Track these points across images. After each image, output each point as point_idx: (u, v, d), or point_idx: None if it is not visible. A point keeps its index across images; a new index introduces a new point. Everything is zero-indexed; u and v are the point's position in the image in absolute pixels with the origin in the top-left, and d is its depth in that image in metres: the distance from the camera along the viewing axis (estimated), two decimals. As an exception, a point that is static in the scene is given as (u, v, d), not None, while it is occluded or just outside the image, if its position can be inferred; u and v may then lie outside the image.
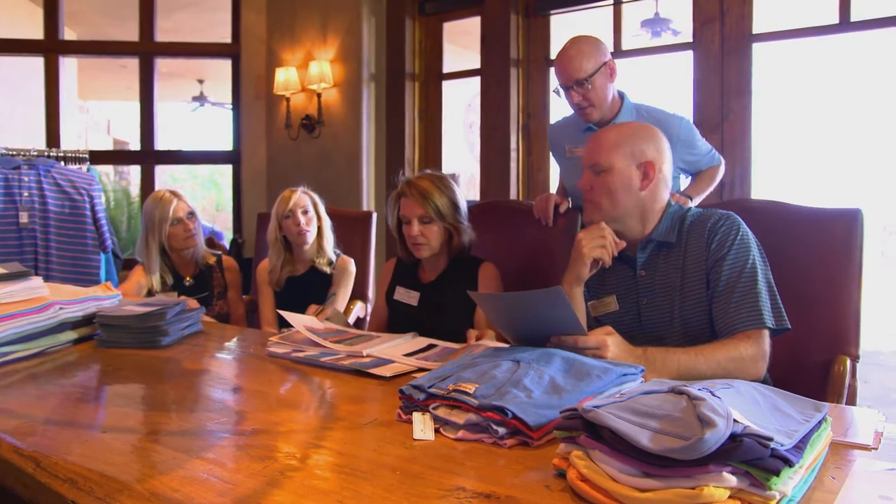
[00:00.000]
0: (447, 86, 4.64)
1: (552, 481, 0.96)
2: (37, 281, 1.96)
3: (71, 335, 1.95)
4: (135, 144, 5.30)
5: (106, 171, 8.57)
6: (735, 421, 0.85)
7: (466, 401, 1.14)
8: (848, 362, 1.81)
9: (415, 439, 1.13)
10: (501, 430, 1.09)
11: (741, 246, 1.67)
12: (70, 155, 3.96)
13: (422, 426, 1.15)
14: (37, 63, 5.07)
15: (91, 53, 6.04)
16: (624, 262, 1.80)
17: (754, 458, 0.82)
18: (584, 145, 1.82)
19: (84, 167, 3.97)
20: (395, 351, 1.74)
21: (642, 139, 1.74)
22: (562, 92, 2.38)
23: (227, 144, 5.34)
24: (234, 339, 2.13)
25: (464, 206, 2.24)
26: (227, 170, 5.46)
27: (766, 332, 1.61)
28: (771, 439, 0.84)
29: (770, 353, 1.60)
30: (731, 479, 0.82)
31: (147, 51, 5.12)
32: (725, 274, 1.65)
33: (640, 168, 1.72)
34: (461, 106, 7.00)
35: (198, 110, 10.27)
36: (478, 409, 1.12)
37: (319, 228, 2.83)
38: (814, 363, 1.83)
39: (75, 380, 1.63)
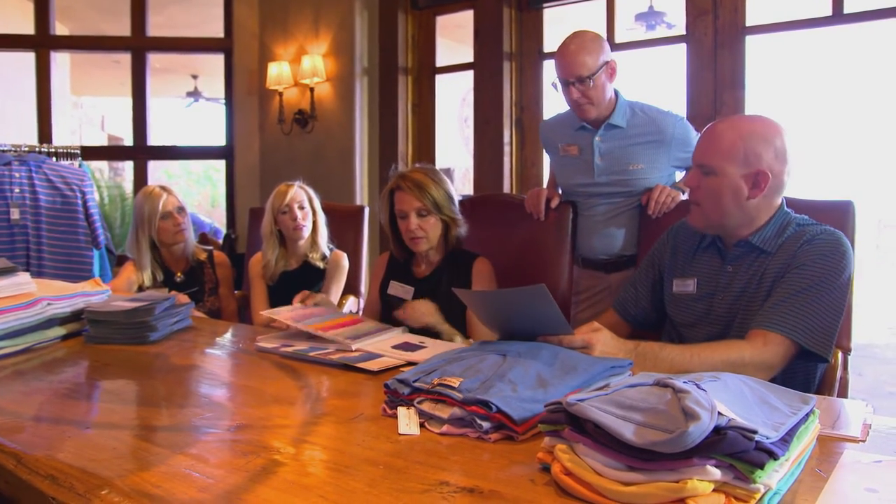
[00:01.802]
0: (441, 80, 4.62)
1: (537, 475, 0.95)
2: (24, 276, 1.94)
3: (59, 331, 1.94)
4: (129, 140, 5.27)
5: (100, 167, 8.55)
6: (719, 414, 0.84)
7: (451, 395, 1.13)
8: (840, 355, 1.81)
9: (400, 434, 1.12)
10: (486, 425, 1.08)
11: (825, 262, 1.58)
12: (61, 150, 3.94)
13: (407, 421, 1.14)
14: (29, 58, 5.04)
15: (82, 48, 6.02)
16: (717, 252, 1.78)
17: (738, 451, 0.82)
18: (698, 138, 1.72)
19: (75, 163, 3.95)
20: (384, 345, 1.73)
21: (760, 140, 1.60)
22: (559, 86, 2.34)
23: (221, 140, 5.32)
24: (224, 335, 2.12)
25: (456, 198, 2.23)
26: (222, 165, 5.44)
27: (789, 345, 1.53)
28: (755, 432, 0.83)
29: (786, 369, 1.55)
30: (716, 473, 0.81)
31: (139, 45, 5.09)
32: (788, 279, 1.59)
33: (752, 177, 1.61)
34: (456, 101, 6.99)
35: (192, 106, 10.24)
36: (462, 403, 1.11)
37: (314, 223, 2.83)
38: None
39: (62, 376, 1.62)
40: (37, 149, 3.83)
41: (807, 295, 1.56)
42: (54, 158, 3.87)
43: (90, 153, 5.11)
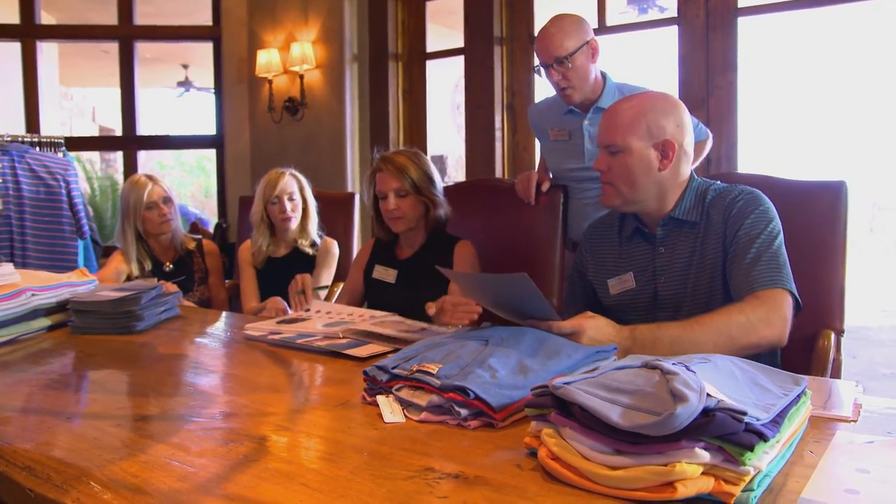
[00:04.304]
0: (433, 67, 4.58)
1: (523, 460, 0.93)
2: (7, 267, 1.92)
3: (44, 322, 1.92)
4: (120, 132, 5.22)
5: (91, 158, 8.48)
6: (708, 395, 0.82)
7: (429, 381, 1.10)
8: (833, 336, 1.80)
9: (385, 422, 1.10)
10: (464, 412, 1.06)
11: (762, 214, 1.61)
12: (45, 140, 3.90)
13: (389, 409, 1.12)
14: (14, 48, 4.98)
15: (68, 38, 5.96)
16: (643, 238, 1.76)
17: (728, 433, 0.80)
18: (600, 122, 1.72)
19: (60, 153, 3.91)
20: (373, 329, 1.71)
21: (660, 113, 1.63)
22: (542, 71, 2.32)
23: (212, 129, 5.28)
24: (212, 324, 2.10)
25: (438, 180, 2.24)
26: (214, 155, 5.39)
27: (787, 295, 1.52)
28: (745, 413, 0.81)
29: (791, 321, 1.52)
30: (704, 455, 0.79)
31: (126, 34, 5.04)
32: (743, 237, 1.59)
33: (659, 147, 1.62)
34: (448, 87, 6.95)
35: (183, 96, 10.18)
36: (440, 389, 1.09)
37: (305, 210, 2.81)
38: (798, 337, 1.81)
39: (48, 367, 1.59)
40: (20, 138, 3.78)
41: (768, 243, 1.57)
42: (38, 148, 3.83)
43: (77, 143, 5.07)
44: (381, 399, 1.16)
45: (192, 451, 1.00)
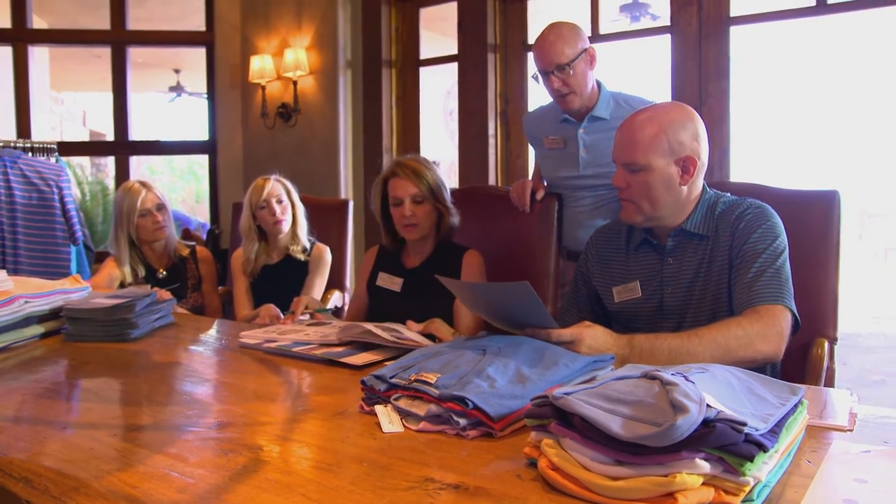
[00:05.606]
0: (426, 73, 4.58)
1: (523, 471, 0.93)
2: (0, 274, 1.91)
3: (37, 329, 1.91)
4: (112, 136, 5.20)
5: (82, 163, 8.44)
6: (708, 406, 0.83)
7: (427, 391, 1.10)
8: (826, 344, 1.81)
9: (384, 432, 1.10)
10: (462, 421, 1.06)
11: (769, 230, 1.62)
12: (37, 146, 3.88)
13: (388, 419, 1.12)
14: (6, 53, 4.96)
15: (61, 42, 5.94)
16: (652, 248, 1.76)
17: (728, 444, 0.80)
18: (615, 137, 1.70)
19: (52, 158, 3.89)
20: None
21: (679, 127, 1.61)
22: (540, 78, 2.33)
23: (204, 135, 5.27)
24: (207, 331, 2.09)
25: (447, 189, 2.22)
26: (205, 160, 5.38)
27: (786, 313, 1.53)
28: (745, 424, 0.82)
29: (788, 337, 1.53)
30: (705, 466, 0.80)
31: (118, 39, 5.03)
32: (748, 251, 1.60)
33: (680, 163, 1.62)
34: (441, 93, 6.96)
35: (175, 101, 10.16)
36: (438, 399, 1.08)
37: (294, 216, 2.80)
38: (792, 346, 1.81)
39: (41, 375, 1.58)
40: (11, 144, 3.76)
41: (771, 259, 1.58)
42: (30, 154, 3.81)
43: (68, 148, 5.04)
44: (379, 408, 1.16)
45: (191, 462, 1.00)
